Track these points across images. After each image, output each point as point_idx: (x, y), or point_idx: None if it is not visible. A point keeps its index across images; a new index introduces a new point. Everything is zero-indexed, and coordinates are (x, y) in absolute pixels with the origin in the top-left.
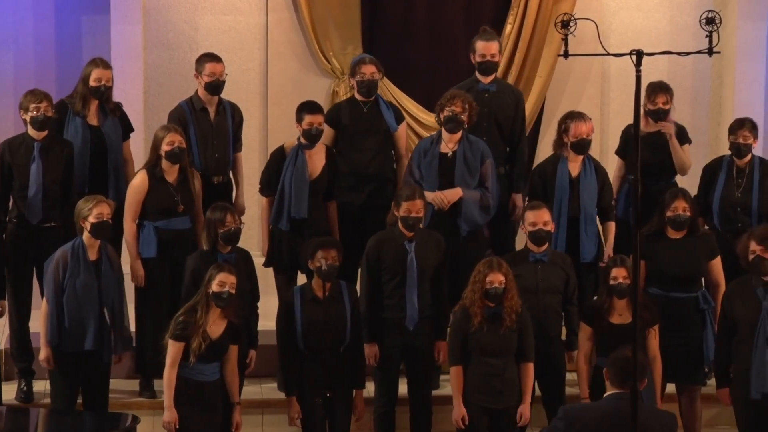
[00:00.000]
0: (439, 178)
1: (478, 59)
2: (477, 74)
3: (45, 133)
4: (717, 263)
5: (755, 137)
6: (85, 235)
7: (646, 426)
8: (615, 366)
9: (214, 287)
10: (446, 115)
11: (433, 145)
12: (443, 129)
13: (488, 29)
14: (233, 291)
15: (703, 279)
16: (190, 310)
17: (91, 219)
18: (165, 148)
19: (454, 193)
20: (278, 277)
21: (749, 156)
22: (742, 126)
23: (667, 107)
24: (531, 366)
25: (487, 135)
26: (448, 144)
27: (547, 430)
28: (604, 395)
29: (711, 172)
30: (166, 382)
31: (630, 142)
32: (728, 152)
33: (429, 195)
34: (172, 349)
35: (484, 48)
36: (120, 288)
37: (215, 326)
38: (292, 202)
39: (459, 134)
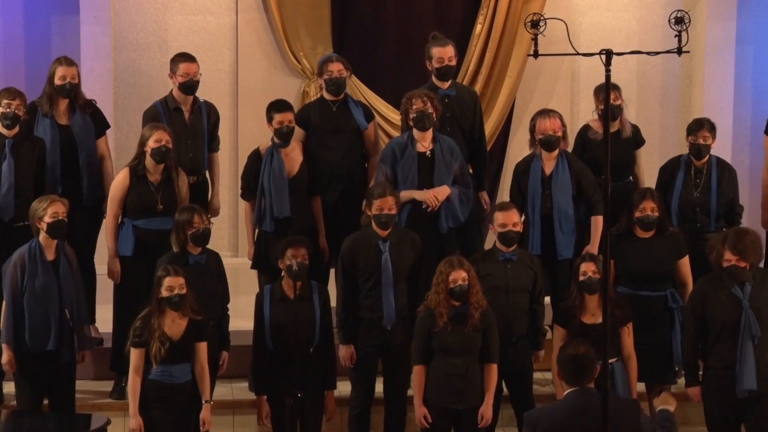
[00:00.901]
0: (418, 178)
1: (436, 65)
2: (434, 80)
3: (16, 130)
4: (685, 262)
5: (714, 137)
6: (42, 236)
7: (612, 416)
8: (566, 365)
9: (164, 293)
10: (414, 115)
11: (408, 146)
12: (415, 129)
13: (438, 35)
14: (183, 291)
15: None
16: (146, 316)
17: (47, 219)
18: (152, 145)
19: (444, 192)
20: (261, 277)
21: (707, 156)
22: (702, 127)
23: (617, 102)
24: (495, 367)
25: (452, 139)
26: (423, 143)
27: None
28: (564, 393)
29: (669, 172)
30: (131, 390)
31: (586, 143)
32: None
33: (415, 194)
34: (133, 357)
35: (441, 53)
36: (79, 287)
37: (175, 327)
38: (273, 202)
39: (431, 132)
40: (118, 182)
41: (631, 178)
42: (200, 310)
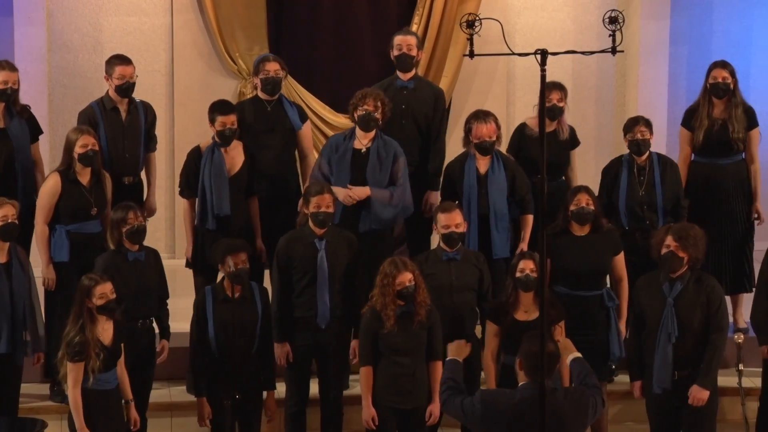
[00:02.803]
0: (350, 173)
1: (395, 53)
2: (397, 71)
3: None
4: (620, 259)
5: (651, 132)
6: None
7: (561, 411)
8: (528, 358)
9: (97, 302)
10: (360, 114)
11: (346, 140)
12: (358, 127)
13: (408, 28)
14: (113, 296)
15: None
16: (80, 330)
17: None
18: (78, 150)
19: (362, 191)
20: (197, 278)
21: (647, 153)
22: (638, 123)
23: (561, 104)
24: (440, 364)
25: (404, 131)
26: (362, 140)
27: (464, 406)
28: (519, 385)
29: (612, 172)
30: (74, 405)
31: (523, 141)
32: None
33: (338, 192)
34: (73, 371)
35: (399, 41)
36: (32, 289)
37: (105, 332)
38: (214, 200)
39: (373, 132)
40: (49, 188)
41: (563, 178)
42: (122, 312)
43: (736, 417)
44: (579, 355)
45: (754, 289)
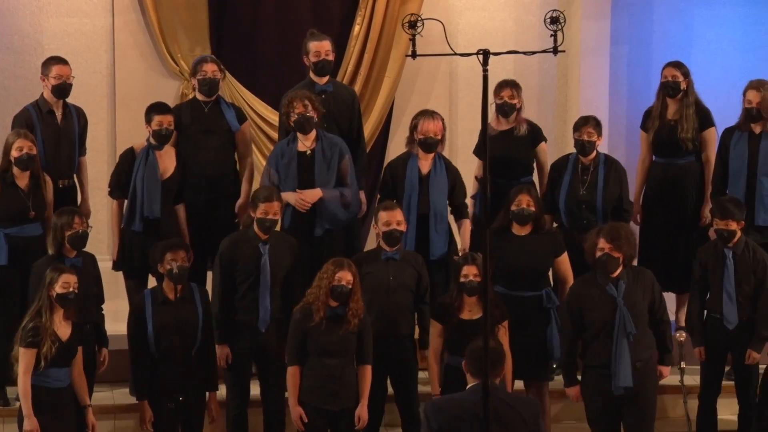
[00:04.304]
0: (298, 177)
1: (313, 59)
2: (312, 76)
3: None
4: (564, 260)
5: (599, 134)
6: None
7: (507, 413)
8: (474, 358)
9: (59, 289)
10: (295, 119)
11: (289, 145)
12: (297, 132)
13: (315, 31)
14: (77, 290)
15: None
16: (35, 316)
17: None
18: (14, 154)
19: (313, 194)
20: (128, 281)
21: (594, 153)
22: (586, 123)
23: (513, 101)
24: (369, 368)
25: None
26: (305, 143)
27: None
28: (467, 387)
29: (558, 170)
30: (23, 392)
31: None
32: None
33: (289, 197)
34: (25, 357)
35: (317, 47)
36: None
37: (62, 328)
38: (145, 202)
39: (314, 132)
40: None
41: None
42: (81, 316)
43: (679, 414)
44: None
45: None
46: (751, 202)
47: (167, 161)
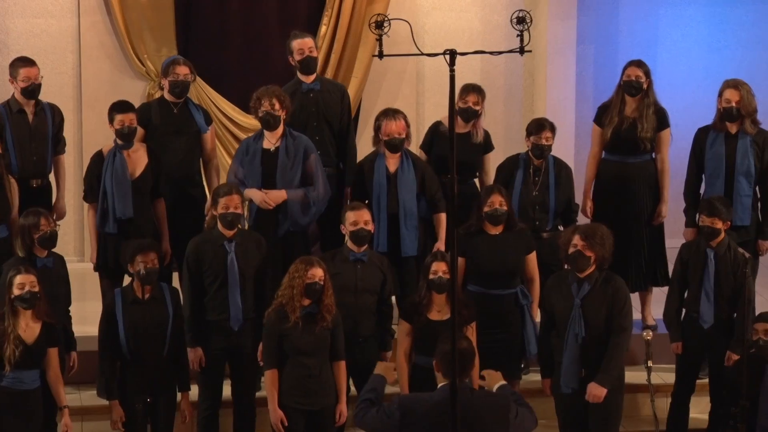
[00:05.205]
0: (261, 173)
1: (297, 57)
2: (299, 75)
3: None
4: (532, 258)
5: (554, 137)
6: None
7: (478, 412)
8: (445, 358)
9: (15, 291)
10: (261, 115)
11: (255, 141)
12: (264, 129)
13: (297, 32)
14: (35, 289)
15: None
16: (0, 320)
17: None
18: None
19: (278, 195)
20: (103, 281)
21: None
22: (544, 128)
23: (477, 107)
24: (343, 364)
25: (318, 134)
26: (271, 140)
27: (379, 415)
28: (438, 387)
29: (507, 171)
30: None
31: (436, 138)
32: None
33: (254, 195)
34: None
35: (300, 44)
36: None
37: (29, 330)
38: (116, 203)
39: (280, 130)
40: None
41: (476, 181)
42: (52, 316)
43: (646, 413)
44: (504, 382)
45: (666, 286)
46: (729, 202)
47: (137, 160)
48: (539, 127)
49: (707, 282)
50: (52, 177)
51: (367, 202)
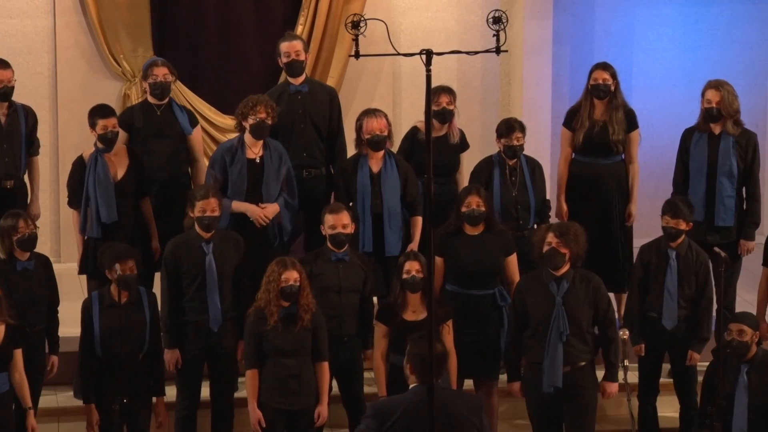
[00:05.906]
0: (248, 185)
1: (284, 60)
2: (287, 77)
3: None
4: (513, 259)
5: (524, 136)
6: None
7: (452, 411)
8: (416, 359)
9: None
10: (252, 123)
11: (238, 151)
12: (248, 135)
13: (291, 32)
14: None
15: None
16: None
17: None
18: None
19: (273, 210)
20: (90, 282)
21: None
22: (514, 129)
23: (451, 107)
24: (326, 365)
25: (305, 136)
26: (253, 149)
27: (359, 430)
28: (409, 388)
29: (485, 173)
30: None
31: (415, 145)
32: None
33: (250, 212)
34: None
35: (287, 48)
36: None
37: None
38: (99, 207)
39: (263, 139)
40: None
41: (454, 181)
42: (15, 315)
43: (622, 412)
44: None
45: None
46: (711, 202)
47: (118, 163)
48: (509, 128)
49: (670, 283)
50: (26, 178)
51: (351, 204)
